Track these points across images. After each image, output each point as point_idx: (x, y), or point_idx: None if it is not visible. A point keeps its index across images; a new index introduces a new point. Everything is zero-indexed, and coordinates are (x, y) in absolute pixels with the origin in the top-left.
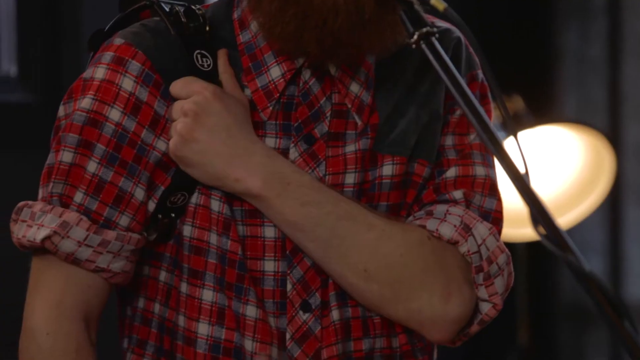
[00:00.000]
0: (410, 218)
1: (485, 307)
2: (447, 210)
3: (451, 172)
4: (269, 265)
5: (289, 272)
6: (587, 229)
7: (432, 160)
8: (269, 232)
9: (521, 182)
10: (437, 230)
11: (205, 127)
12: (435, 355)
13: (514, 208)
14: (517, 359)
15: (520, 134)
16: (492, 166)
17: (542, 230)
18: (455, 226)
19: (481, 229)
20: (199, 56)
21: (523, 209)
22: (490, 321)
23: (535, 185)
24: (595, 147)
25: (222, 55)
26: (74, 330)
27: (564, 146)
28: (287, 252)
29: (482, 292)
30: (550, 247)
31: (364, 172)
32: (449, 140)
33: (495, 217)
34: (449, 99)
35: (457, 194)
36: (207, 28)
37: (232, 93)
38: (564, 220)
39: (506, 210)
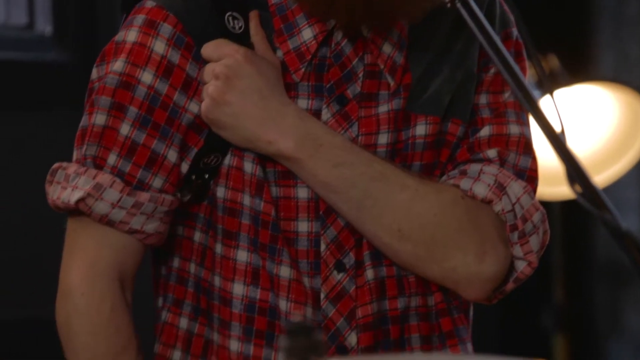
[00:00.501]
0: (444, 177)
1: (521, 265)
2: (481, 169)
3: (485, 131)
4: (303, 226)
5: (322, 232)
6: (623, 187)
7: (466, 120)
8: (302, 193)
9: (557, 141)
10: (471, 189)
11: (237, 90)
12: (471, 313)
13: (549, 166)
14: (552, 317)
15: (555, 92)
16: (527, 124)
17: (578, 188)
18: (489, 185)
19: (515, 187)
20: (230, 18)
21: (559, 168)
22: (525, 279)
23: (571, 143)
24: (631, 106)
25: (253, 17)
26: (108, 290)
27: (600, 104)
28: (321, 212)
29: (517, 251)
30: (586, 205)
31: (396, 132)
32: (483, 99)
33: (530, 175)
34: (483, 57)
35: (491, 153)
36: None
37: (264, 55)
38: (600, 178)
39: (542, 168)
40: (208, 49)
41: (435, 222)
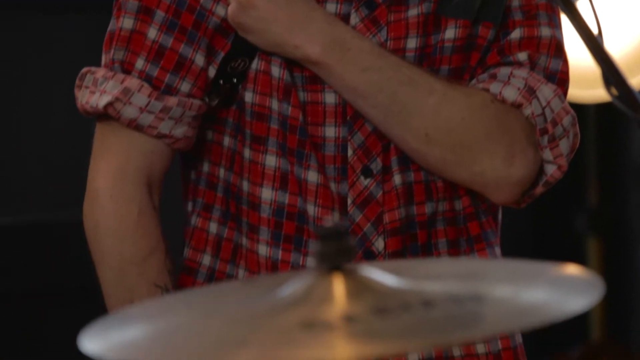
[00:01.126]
0: (474, 81)
1: (550, 169)
2: (511, 73)
3: (516, 34)
4: (330, 131)
5: (349, 137)
6: None
7: (497, 23)
8: (330, 98)
9: (594, 42)
10: (500, 93)
11: None
12: (499, 216)
13: (585, 68)
14: (586, 221)
15: None
16: (559, 26)
17: (614, 90)
18: (519, 89)
19: (545, 90)
20: None
21: (594, 70)
22: (555, 183)
23: (608, 45)
24: None
25: None
26: (137, 194)
27: (637, 5)
28: (348, 117)
29: (547, 154)
30: (622, 107)
31: (426, 37)
32: (515, 1)
33: (560, 78)
34: None
35: (522, 56)
36: None
37: None
38: (636, 80)
39: (577, 71)
40: None
41: (463, 126)
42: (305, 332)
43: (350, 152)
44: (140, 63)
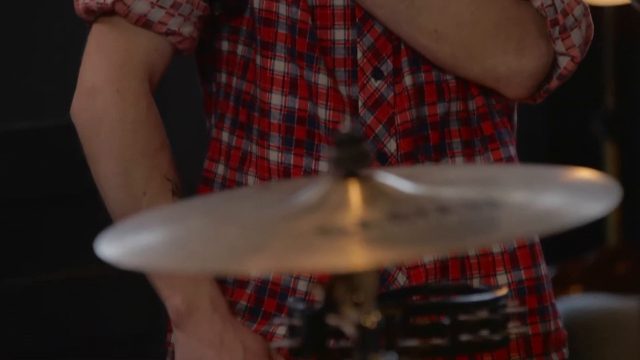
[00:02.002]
0: None
1: (564, 61)
2: None
3: None
4: (339, 34)
5: (359, 40)
6: None
7: None
8: (338, 1)
9: None
10: None
11: None
12: (515, 117)
13: None
14: (602, 125)
15: None
16: None
17: None
18: None
19: None
20: None
21: None
22: (569, 75)
23: None
24: None
25: None
26: (143, 88)
27: None
28: (357, 20)
29: (559, 46)
30: None
31: None
32: None
33: None
34: None
35: None
36: None
37: None
38: None
39: None
40: None
41: (472, 20)
42: (321, 238)
43: (359, 54)
44: None
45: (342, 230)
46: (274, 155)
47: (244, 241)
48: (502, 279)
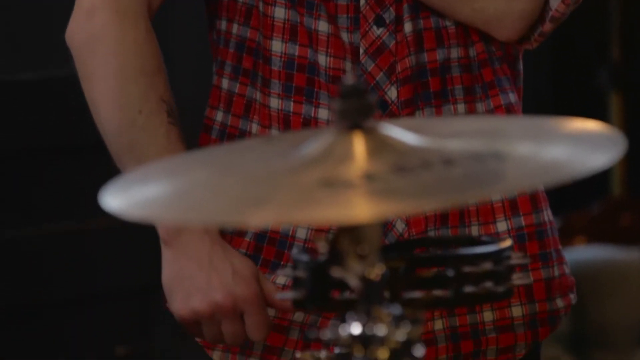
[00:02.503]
0: None
1: (555, 3)
2: None
3: None
4: None
5: None
6: None
7: None
8: None
9: None
10: None
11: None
12: (519, 66)
13: None
14: (608, 76)
15: None
16: None
17: None
18: None
19: None
20: None
21: None
22: (562, 17)
23: None
24: None
25: None
26: (141, 10)
27: None
28: None
29: None
30: None
31: None
32: None
33: None
34: None
35: None
36: None
37: None
38: None
39: None
40: None
41: None
42: (325, 190)
43: (362, 1)
44: None
45: (346, 182)
46: (274, 103)
47: (247, 193)
48: (501, 225)
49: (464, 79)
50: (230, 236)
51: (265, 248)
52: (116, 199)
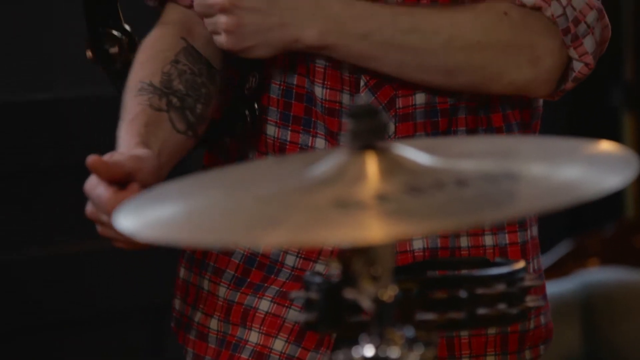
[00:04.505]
0: None
1: (578, 66)
2: None
3: None
4: None
5: None
6: None
7: None
8: None
9: None
10: None
11: (246, 10)
12: (537, 102)
13: None
14: (621, 95)
15: None
16: None
17: None
18: None
19: None
20: None
21: None
22: (585, 78)
23: None
24: None
25: None
26: (174, 30)
27: None
28: None
29: (572, 53)
30: None
31: None
32: None
33: None
34: None
35: None
36: None
37: None
38: None
39: None
40: None
41: (481, 48)
42: (338, 211)
43: None
44: None
45: (359, 203)
46: (271, 130)
47: (261, 214)
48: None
49: (468, 120)
50: (217, 255)
51: (254, 272)
52: (129, 220)
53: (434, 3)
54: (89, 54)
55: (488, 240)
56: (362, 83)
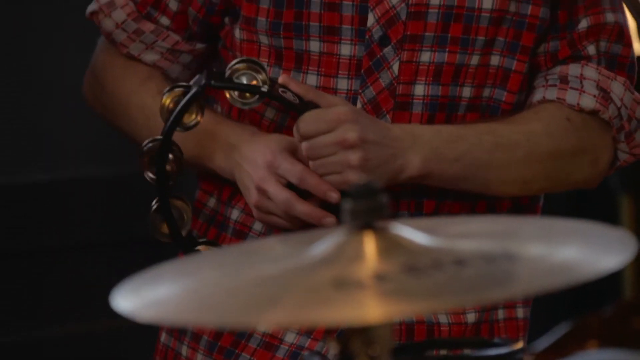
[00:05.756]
0: (541, 80)
1: (624, 156)
2: (582, 74)
3: (583, 24)
4: (342, 84)
5: (360, 91)
6: None
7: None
8: (345, 50)
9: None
10: (578, 104)
11: (372, 143)
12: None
13: None
14: (619, 179)
15: None
16: (620, 9)
17: None
18: (594, 96)
19: (617, 88)
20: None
21: (631, 23)
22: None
23: None
24: None
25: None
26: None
27: None
28: (362, 71)
29: (624, 147)
30: None
31: None
32: None
33: (620, 62)
34: None
35: (591, 49)
36: None
37: (336, 102)
38: None
39: None
40: (310, 124)
41: (553, 157)
42: (336, 291)
43: (359, 105)
44: None
45: (357, 283)
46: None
47: (259, 294)
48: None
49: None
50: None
51: (225, 335)
52: (128, 300)
53: (508, 117)
54: (149, 175)
55: (470, 317)
56: None
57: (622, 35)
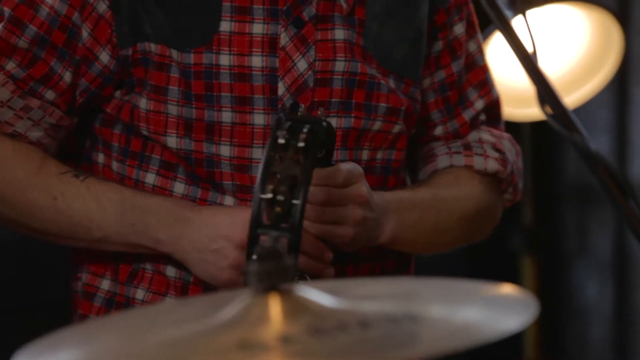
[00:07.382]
0: (444, 149)
1: (507, 200)
2: (480, 140)
3: (479, 104)
4: (257, 153)
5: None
6: (593, 109)
7: (418, 80)
8: (259, 120)
9: (528, 61)
10: (485, 169)
11: (371, 207)
12: None
13: (520, 88)
14: (521, 240)
15: (528, 12)
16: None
17: (548, 109)
18: (496, 159)
19: (507, 146)
20: None
21: (530, 89)
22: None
23: (543, 64)
24: (604, 25)
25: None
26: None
27: (572, 24)
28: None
29: (509, 197)
30: (557, 126)
31: (354, 62)
32: (455, 67)
33: (499, 119)
34: (439, 18)
35: (482, 116)
36: None
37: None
38: (571, 99)
39: (513, 89)
40: (339, 176)
41: (475, 217)
42: (241, 353)
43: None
44: (10, 65)
45: (262, 345)
46: (180, 188)
47: (164, 358)
48: None
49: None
50: None
51: None
52: None
53: (432, 181)
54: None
55: None
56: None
57: (487, 82)
